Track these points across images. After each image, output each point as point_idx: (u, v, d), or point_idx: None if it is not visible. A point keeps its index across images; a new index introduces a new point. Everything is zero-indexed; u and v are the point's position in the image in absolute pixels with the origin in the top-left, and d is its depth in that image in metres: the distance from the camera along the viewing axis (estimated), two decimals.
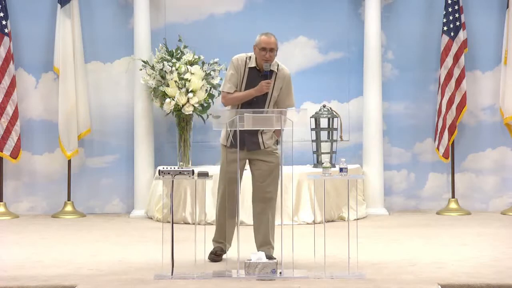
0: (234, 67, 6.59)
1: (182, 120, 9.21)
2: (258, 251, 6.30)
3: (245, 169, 8.62)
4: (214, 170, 8.69)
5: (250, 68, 6.55)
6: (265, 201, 6.53)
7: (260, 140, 6.51)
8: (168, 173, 6.05)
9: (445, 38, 9.47)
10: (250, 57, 6.60)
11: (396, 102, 9.79)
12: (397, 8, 9.78)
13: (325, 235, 6.09)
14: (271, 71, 6.53)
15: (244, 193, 8.65)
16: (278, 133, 6.52)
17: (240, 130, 6.22)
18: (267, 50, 6.48)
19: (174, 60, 9.15)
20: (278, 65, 6.60)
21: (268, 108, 6.49)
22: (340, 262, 6.33)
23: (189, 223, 8.71)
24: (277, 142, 6.60)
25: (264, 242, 6.51)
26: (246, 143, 6.47)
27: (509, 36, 9.39)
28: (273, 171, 6.51)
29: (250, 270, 5.86)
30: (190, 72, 9.04)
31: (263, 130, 6.48)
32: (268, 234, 6.52)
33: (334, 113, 9.30)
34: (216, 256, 6.59)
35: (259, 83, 6.44)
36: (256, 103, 6.47)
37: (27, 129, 9.63)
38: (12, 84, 9.34)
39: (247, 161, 6.63)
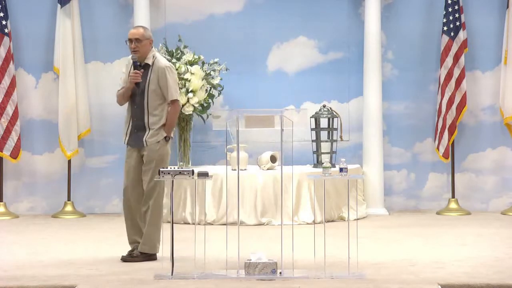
0: (125, 66, 6.79)
1: (182, 120, 9.21)
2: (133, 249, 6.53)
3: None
4: (214, 170, 8.72)
5: (133, 64, 6.67)
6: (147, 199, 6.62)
7: (144, 137, 6.62)
8: (168, 173, 6.05)
9: (445, 38, 9.47)
10: None
11: (396, 102, 9.79)
12: (397, 8, 9.78)
13: (325, 235, 6.08)
14: (146, 64, 6.61)
15: (243, 192, 8.66)
16: (167, 129, 6.61)
17: (133, 125, 6.58)
18: (133, 41, 6.60)
19: (174, 60, 9.14)
20: (155, 58, 6.67)
21: (147, 102, 6.58)
22: (340, 262, 6.33)
23: (189, 223, 8.71)
24: (166, 139, 6.63)
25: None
26: (133, 139, 6.65)
27: (509, 36, 9.39)
28: (147, 170, 6.61)
29: (250, 270, 5.86)
30: (190, 72, 9.04)
31: (149, 126, 6.59)
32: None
33: (334, 113, 9.30)
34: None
35: None
36: (138, 97, 6.62)
37: (27, 129, 9.63)
38: (12, 84, 9.34)
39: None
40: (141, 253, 6.59)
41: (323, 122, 9.28)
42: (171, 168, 6.12)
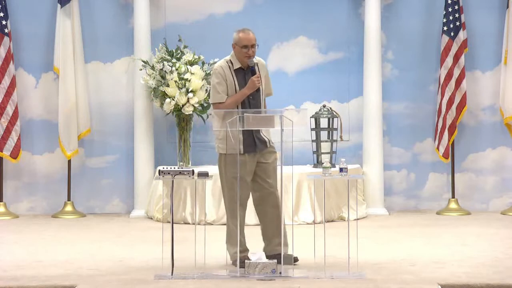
0: (220, 75, 6.43)
1: (182, 120, 9.21)
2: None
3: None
4: (214, 170, 8.70)
5: (236, 70, 6.47)
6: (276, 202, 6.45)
7: (266, 138, 6.49)
8: (168, 173, 6.05)
9: (445, 38, 9.47)
10: (230, 60, 6.52)
11: (396, 102, 9.79)
12: (397, 8, 9.78)
13: (325, 235, 6.08)
14: (255, 65, 6.49)
15: None
16: None
17: (248, 131, 6.28)
18: (249, 47, 6.47)
19: (174, 60, 9.15)
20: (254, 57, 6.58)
21: (261, 103, 6.48)
22: (340, 262, 6.33)
23: (189, 223, 8.71)
24: None
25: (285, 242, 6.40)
26: (257, 144, 6.45)
27: (509, 36, 9.39)
28: (276, 167, 6.51)
29: (250, 270, 5.86)
30: (190, 72, 9.04)
31: None
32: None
33: (334, 113, 9.30)
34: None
35: (247, 81, 6.43)
36: (253, 100, 6.45)
37: (27, 129, 9.63)
38: (12, 84, 9.34)
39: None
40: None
41: (323, 122, 9.29)
42: (171, 168, 6.12)
